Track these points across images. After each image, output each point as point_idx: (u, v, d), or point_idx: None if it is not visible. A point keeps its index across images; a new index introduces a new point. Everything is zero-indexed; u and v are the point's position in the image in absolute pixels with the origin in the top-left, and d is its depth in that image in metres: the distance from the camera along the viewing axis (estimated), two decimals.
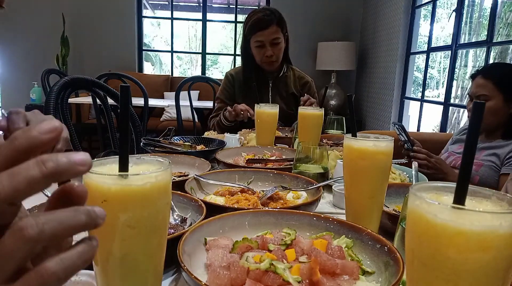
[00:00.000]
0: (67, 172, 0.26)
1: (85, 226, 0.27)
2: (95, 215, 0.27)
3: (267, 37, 1.97)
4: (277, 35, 1.99)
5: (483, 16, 3.93)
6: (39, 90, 4.60)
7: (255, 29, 1.98)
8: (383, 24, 4.58)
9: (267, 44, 1.99)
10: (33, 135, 0.25)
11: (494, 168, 1.58)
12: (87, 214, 0.27)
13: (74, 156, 0.26)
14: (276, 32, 1.98)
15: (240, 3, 5.69)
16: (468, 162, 0.37)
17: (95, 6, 5.22)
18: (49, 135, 0.26)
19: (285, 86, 2.15)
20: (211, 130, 2.03)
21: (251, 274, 0.53)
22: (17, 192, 0.24)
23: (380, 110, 4.64)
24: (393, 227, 0.76)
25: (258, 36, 1.98)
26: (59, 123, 0.27)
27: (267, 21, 1.96)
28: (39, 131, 0.25)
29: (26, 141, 0.25)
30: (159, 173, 0.43)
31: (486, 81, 1.59)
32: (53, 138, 0.26)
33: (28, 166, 0.24)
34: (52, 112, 1.27)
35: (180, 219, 0.78)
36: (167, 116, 4.90)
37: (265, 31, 1.96)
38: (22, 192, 0.24)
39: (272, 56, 2.01)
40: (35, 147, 0.26)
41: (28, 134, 0.25)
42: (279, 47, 2.02)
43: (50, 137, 0.26)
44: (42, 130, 0.26)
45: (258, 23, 1.97)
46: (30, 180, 0.24)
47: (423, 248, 0.37)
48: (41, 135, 0.25)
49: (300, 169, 1.09)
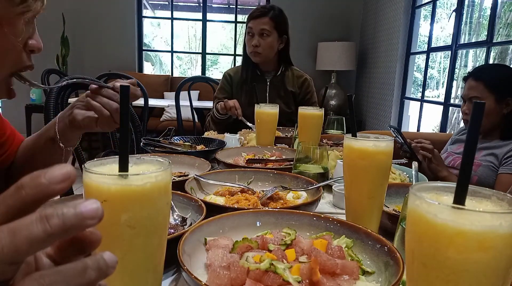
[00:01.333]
0: (74, 229, 0.23)
1: (95, 281, 0.24)
2: (105, 267, 0.25)
3: (256, 26, 2.04)
4: (266, 27, 2.04)
5: (483, 16, 3.94)
6: (39, 90, 4.60)
7: (249, 17, 2.08)
8: (383, 24, 4.58)
9: (255, 33, 2.04)
10: (43, 184, 0.23)
11: (492, 168, 1.59)
12: (97, 269, 0.24)
13: (82, 208, 0.23)
14: (266, 24, 2.04)
15: (240, 3, 5.70)
16: (468, 162, 0.37)
17: (95, 6, 5.22)
18: (62, 185, 0.23)
19: (283, 85, 2.16)
20: (210, 130, 2.04)
21: (251, 274, 0.53)
22: (17, 252, 0.22)
23: (380, 110, 4.64)
24: (393, 227, 0.76)
25: (249, 23, 2.07)
26: (71, 167, 0.24)
27: (261, 11, 2.05)
28: (50, 180, 0.23)
29: (35, 191, 0.23)
30: (159, 173, 0.43)
31: (477, 83, 1.60)
32: (65, 189, 0.23)
33: (31, 223, 0.22)
34: (52, 112, 1.27)
35: (180, 219, 0.78)
36: (167, 116, 4.90)
37: (256, 20, 2.04)
38: (24, 252, 0.22)
39: (258, 47, 2.04)
40: (45, 198, 0.23)
41: (37, 183, 0.23)
42: (267, 40, 2.05)
43: (61, 188, 0.23)
44: (54, 179, 0.23)
45: (254, 12, 2.07)
46: (33, 240, 0.22)
47: (423, 248, 0.37)
48: (52, 185, 0.23)
49: (300, 169, 1.09)
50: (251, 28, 2.06)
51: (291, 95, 2.17)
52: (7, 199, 0.23)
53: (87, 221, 0.23)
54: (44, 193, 0.23)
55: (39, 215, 0.22)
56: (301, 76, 2.21)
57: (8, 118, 1.02)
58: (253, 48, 2.06)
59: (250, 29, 2.06)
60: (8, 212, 0.23)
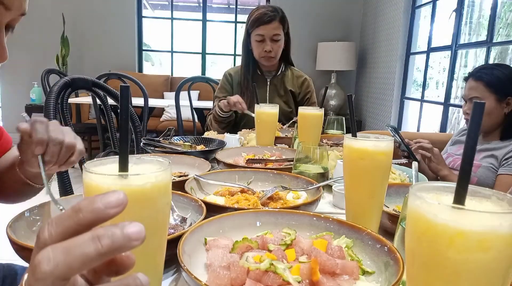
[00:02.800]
0: (121, 249, 0.25)
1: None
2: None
3: (268, 32, 2.01)
4: (278, 32, 2.03)
5: (483, 16, 3.93)
6: (39, 90, 4.60)
7: (257, 23, 2.02)
8: (383, 24, 4.58)
9: (267, 39, 2.03)
10: (100, 209, 0.24)
11: (492, 170, 1.59)
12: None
13: (129, 230, 0.25)
14: (277, 29, 2.02)
15: (240, 3, 5.69)
16: (468, 162, 0.37)
17: (95, 6, 5.22)
18: (116, 210, 0.25)
19: (283, 85, 2.17)
20: (210, 130, 2.04)
21: (251, 274, 0.53)
22: (71, 269, 0.24)
23: (380, 110, 4.64)
24: (393, 227, 0.76)
25: (259, 30, 2.02)
26: (123, 194, 0.25)
27: (270, 16, 2.00)
28: (106, 205, 0.24)
29: (91, 215, 0.24)
30: (159, 173, 0.43)
31: (477, 83, 1.61)
32: (118, 213, 0.25)
33: (84, 242, 0.24)
34: (52, 112, 1.27)
35: (180, 219, 0.78)
36: (167, 116, 4.90)
37: (267, 25, 2.01)
38: (76, 269, 0.24)
39: (271, 52, 2.05)
40: (99, 221, 0.25)
41: (94, 208, 0.24)
42: (279, 44, 2.05)
43: (116, 212, 0.25)
44: (109, 204, 0.25)
45: (262, 17, 2.01)
46: (85, 258, 0.24)
47: (423, 248, 0.37)
48: (108, 210, 0.25)
49: (300, 169, 1.09)
50: (261, 34, 2.02)
51: (291, 94, 2.17)
52: (63, 220, 0.25)
53: (133, 242, 0.25)
54: (99, 217, 0.25)
55: (91, 235, 0.24)
56: (301, 76, 2.21)
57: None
58: (266, 53, 2.05)
59: (260, 35, 2.02)
60: (64, 232, 0.25)
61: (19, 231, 0.66)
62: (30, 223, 0.71)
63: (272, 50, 2.04)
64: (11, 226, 0.65)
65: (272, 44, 2.03)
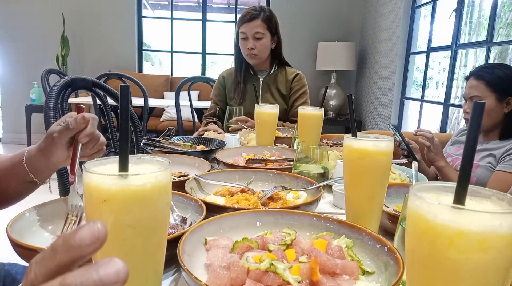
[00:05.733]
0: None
1: None
2: None
3: (250, 30, 2.07)
4: (260, 30, 2.07)
5: (483, 16, 3.93)
6: (39, 90, 4.60)
7: (240, 21, 2.10)
8: (383, 24, 4.58)
9: (250, 37, 2.07)
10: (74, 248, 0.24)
11: (490, 169, 1.59)
12: None
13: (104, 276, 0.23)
14: (259, 27, 2.07)
15: (240, 3, 5.69)
16: (468, 161, 0.37)
17: (95, 6, 5.22)
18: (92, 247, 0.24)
19: (276, 84, 2.20)
20: (210, 130, 2.04)
21: (251, 274, 0.53)
22: None
23: (380, 110, 4.64)
24: (393, 227, 0.76)
25: (242, 28, 2.09)
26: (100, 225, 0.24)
27: (253, 15, 2.07)
28: (80, 243, 0.23)
29: (67, 256, 0.24)
30: (159, 173, 0.43)
31: (478, 82, 1.61)
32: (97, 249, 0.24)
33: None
34: (52, 112, 1.27)
35: (180, 219, 0.78)
36: (167, 116, 4.90)
37: (248, 23, 2.07)
38: None
39: (254, 49, 2.08)
40: (80, 259, 0.24)
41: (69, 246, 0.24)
42: (261, 42, 2.09)
43: (93, 249, 0.24)
44: (84, 242, 0.24)
45: (244, 16, 2.09)
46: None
47: (423, 248, 0.37)
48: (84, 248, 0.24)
49: (300, 169, 1.09)
50: (244, 32, 2.08)
51: (284, 93, 2.20)
52: (46, 262, 0.24)
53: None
54: (76, 257, 0.24)
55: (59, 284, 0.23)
56: (293, 72, 2.24)
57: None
58: (249, 51, 2.09)
59: (243, 33, 2.08)
60: (47, 274, 0.24)
61: (19, 231, 0.66)
62: (30, 223, 0.71)
63: (254, 47, 2.08)
64: (11, 226, 0.65)
65: (255, 42, 2.07)
